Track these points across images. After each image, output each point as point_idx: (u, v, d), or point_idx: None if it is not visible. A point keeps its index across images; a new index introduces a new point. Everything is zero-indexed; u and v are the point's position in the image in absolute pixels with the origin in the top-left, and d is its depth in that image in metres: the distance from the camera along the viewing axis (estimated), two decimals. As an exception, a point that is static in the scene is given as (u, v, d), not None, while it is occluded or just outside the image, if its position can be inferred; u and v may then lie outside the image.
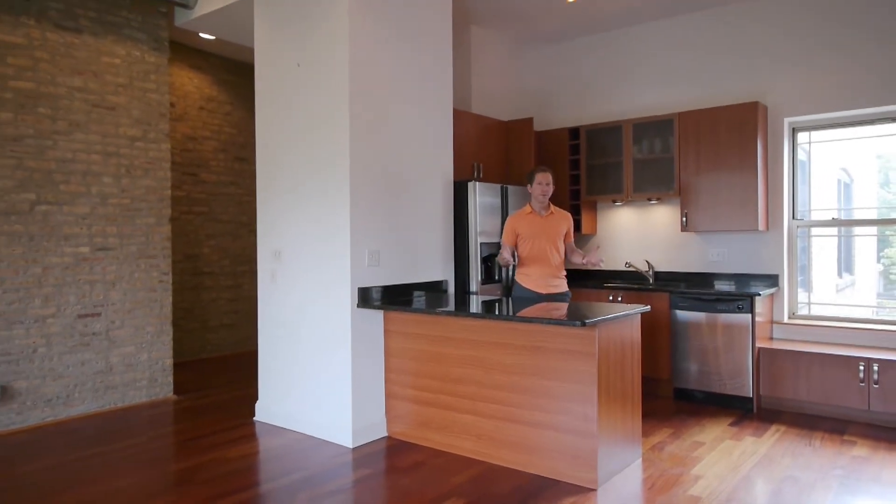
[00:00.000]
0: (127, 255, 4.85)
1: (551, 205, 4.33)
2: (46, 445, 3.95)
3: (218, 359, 6.72)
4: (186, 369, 6.08)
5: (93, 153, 4.66)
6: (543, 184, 4.14)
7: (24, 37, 4.31)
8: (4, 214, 4.21)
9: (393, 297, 4.13)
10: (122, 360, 4.81)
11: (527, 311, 3.66)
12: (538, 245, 4.18)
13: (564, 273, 4.35)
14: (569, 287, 5.61)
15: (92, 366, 4.63)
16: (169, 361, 5.11)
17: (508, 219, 4.32)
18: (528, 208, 4.28)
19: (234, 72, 6.98)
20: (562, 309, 3.69)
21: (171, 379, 5.12)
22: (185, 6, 4.89)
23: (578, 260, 4.37)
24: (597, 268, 4.27)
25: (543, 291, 4.21)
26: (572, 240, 4.40)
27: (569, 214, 4.44)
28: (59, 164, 4.48)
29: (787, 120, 5.13)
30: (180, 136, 6.50)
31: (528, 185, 4.25)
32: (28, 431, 4.22)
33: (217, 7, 4.74)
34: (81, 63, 4.61)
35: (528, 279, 4.25)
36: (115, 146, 4.79)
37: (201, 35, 5.66)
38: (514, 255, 4.24)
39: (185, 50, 6.49)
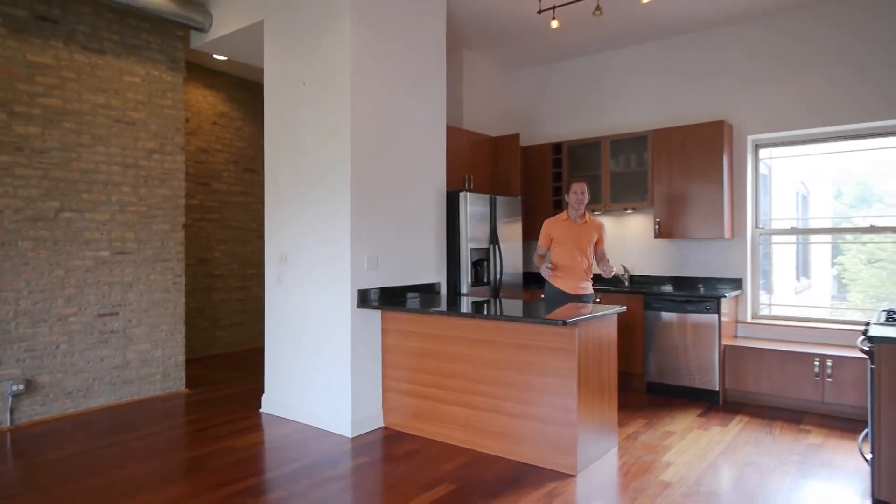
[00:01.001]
0: (144, 258, 4.85)
1: (587, 214, 4.37)
2: (67, 435, 3.94)
3: (227, 355, 6.70)
4: (198, 365, 6.08)
5: (113, 164, 4.66)
6: (578, 193, 4.19)
7: (52, 58, 4.32)
8: (31, 221, 4.21)
9: (390, 298, 4.14)
10: (138, 356, 4.80)
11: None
12: (568, 250, 4.24)
13: (591, 277, 4.36)
14: (546, 292, 5.67)
15: (110, 361, 4.62)
16: (181, 357, 5.10)
17: (545, 223, 4.40)
18: (564, 215, 4.36)
19: (244, 90, 6.99)
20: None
21: (183, 374, 5.11)
22: (201, 30, 4.91)
23: (600, 270, 4.33)
24: (609, 276, 4.22)
25: (572, 292, 4.27)
26: (603, 248, 4.40)
27: (601, 224, 4.43)
28: (83, 174, 4.48)
29: (750, 137, 5.18)
30: (194, 149, 6.50)
31: (566, 195, 4.35)
32: (50, 422, 4.20)
33: (230, 31, 4.76)
34: (105, 81, 4.62)
35: (559, 280, 4.30)
36: (133, 158, 4.79)
37: (215, 56, 5.68)
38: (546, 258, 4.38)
39: (200, 69, 6.50)
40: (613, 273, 4.26)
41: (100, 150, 4.59)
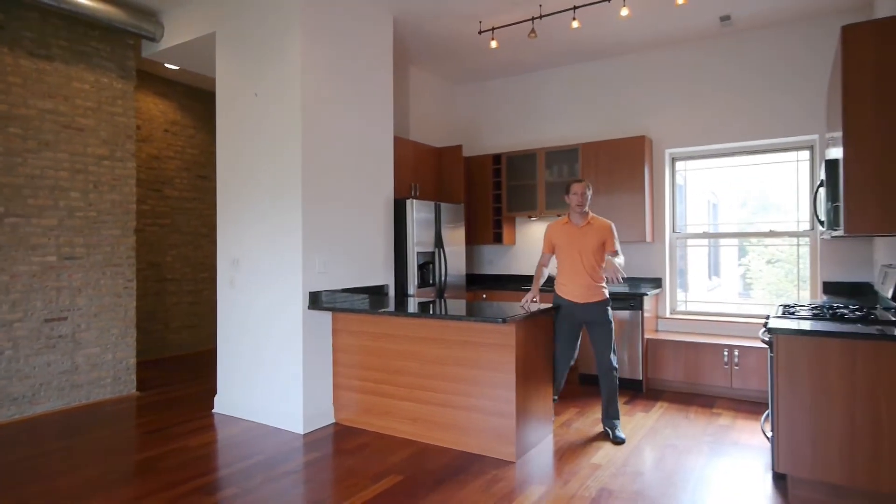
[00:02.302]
0: (93, 263, 4.60)
1: (590, 214, 3.78)
2: (12, 441, 3.69)
3: (179, 357, 6.45)
4: (150, 368, 5.84)
5: (61, 170, 4.41)
6: (578, 193, 3.68)
7: (-6, 62, 4.05)
8: (-27, 226, 3.92)
9: (340, 300, 4.10)
10: (87, 360, 4.55)
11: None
12: (570, 255, 3.73)
13: (602, 282, 3.71)
14: (488, 293, 5.71)
15: (58, 366, 4.36)
16: (132, 361, 4.87)
17: (548, 227, 3.92)
18: (564, 218, 3.84)
19: (196, 98, 6.76)
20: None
21: (134, 377, 4.88)
22: (152, 39, 4.71)
23: (605, 274, 3.65)
24: (615, 283, 3.55)
25: (578, 301, 3.72)
26: (614, 248, 3.70)
27: (609, 224, 3.75)
28: (28, 179, 4.22)
29: (667, 151, 5.40)
30: (146, 156, 6.24)
31: (566, 196, 3.80)
32: (-5, 428, 3.93)
33: (181, 41, 4.60)
34: (53, 87, 4.37)
35: (562, 288, 3.81)
36: (83, 164, 4.54)
37: (167, 65, 5.46)
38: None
39: (151, 78, 6.24)
40: (621, 276, 3.46)
41: (47, 155, 4.33)
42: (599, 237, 3.68)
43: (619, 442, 3.58)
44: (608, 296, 3.76)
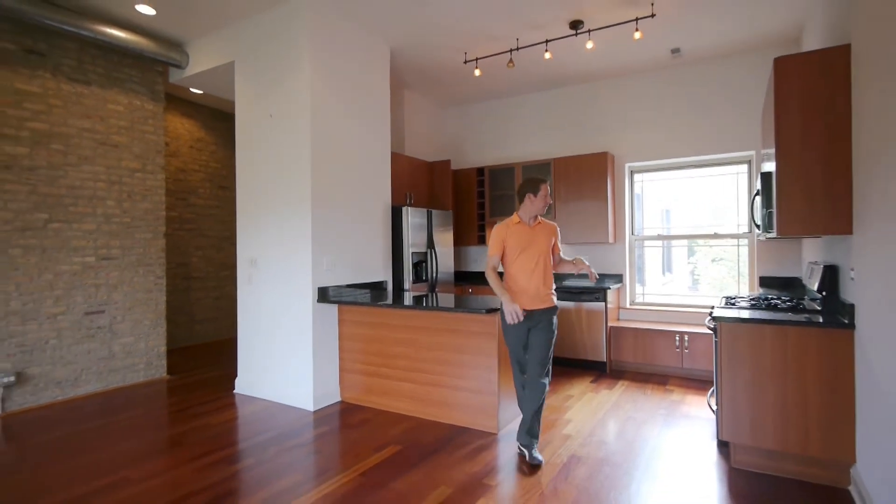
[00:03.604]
0: (128, 263, 4.55)
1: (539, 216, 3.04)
2: (57, 420, 3.64)
3: (204, 345, 6.39)
4: (178, 354, 5.78)
5: (99, 181, 4.35)
6: (547, 196, 2.93)
7: (39, 86, 3.99)
8: (20, 231, 3.87)
9: (345, 294, 4.08)
10: (123, 348, 4.50)
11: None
12: (529, 256, 2.91)
13: (553, 287, 3.01)
14: (473, 288, 5.72)
15: (97, 353, 4.31)
16: (163, 348, 4.81)
17: (496, 228, 2.99)
18: (515, 218, 2.98)
19: (217, 118, 6.70)
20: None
21: (164, 362, 4.83)
22: (179, 67, 4.66)
23: (571, 268, 3.06)
24: (593, 281, 3.03)
25: (532, 307, 2.89)
26: (560, 251, 3.10)
27: (555, 225, 3.08)
28: (69, 190, 4.16)
29: (627, 165, 5.44)
30: (174, 169, 6.17)
31: (531, 195, 2.92)
32: (40, 409, 3.87)
33: (205, 69, 4.56)
34: (90, 109, 4.31)
35: (514, 295, 2.90)
36: (117, 176, 4.49)
37: (192, 89, 5.41)
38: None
39: (178, 100, 6.18)
40: (595, 274, 3.03)
41: (86, 168, 4.27)
42: (550, 238, 3.00)
43: (536, 464, 2.81)
44: (556, 303, 3.03)
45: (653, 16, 3.95)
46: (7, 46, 3.83)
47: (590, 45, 4.26)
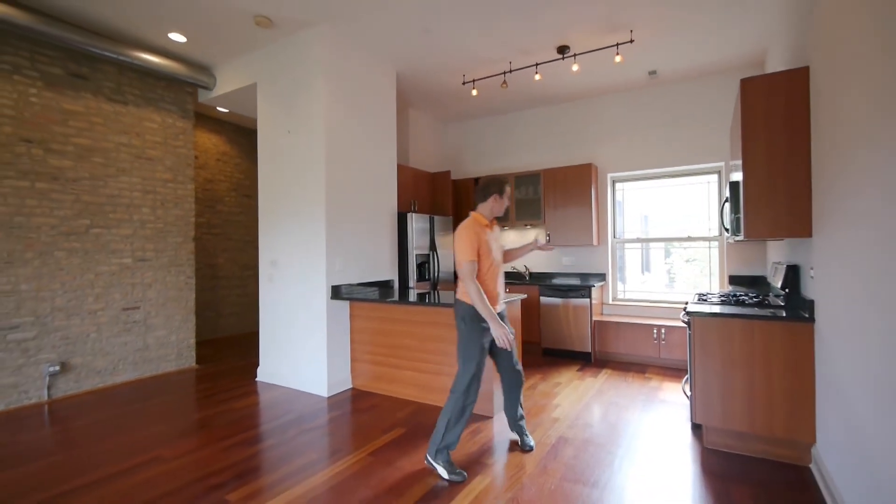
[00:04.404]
0: (161, 264, 4.56)
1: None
2: (97, 405, 3.65)
3: (229, 338, 6.39)
4: (205, 346, 5.78)
5: (135, 191, 4.37)
6: (508, 194, 2.63)
7: (83, 106, 4.01)
8: (65, 235, 3.88)
9: (355, 292, 4.09)
10: (156, 340, 4.50)
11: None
12: (496, 258, 2.59)
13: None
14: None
15: (133, 345, 4.31)
16: (192, 340, 4.81)
17: (469, 230, 2.49)
18: (482, 219, 2.58)
19: (241, 134, 6.71)
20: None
21: (193, 353, 4.83)
22: (206, 88, 4.68)
23: (525, 251, 2.83)
24: (546, 251, 2.66)
25: (499, 311, 2.60)
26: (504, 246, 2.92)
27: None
28: (109, 198, 4.17)
29: (609, 175, 5.44)
30: (202, 180, 6.18)
31: (497, 195, 2.58)
32: (82, 395, 3.88)
33: (230, 90, 4.57)
34: (128, 126, 4.32)
35: (493, 300, 2.56)
36: (152, 186, 4.50)
37: (218, 108, 5.43)
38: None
39: (206, 118, 6.19)
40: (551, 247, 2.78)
41: (124, 179, 4.28)
42: (500, 238, 2.71)
43: (528, 450, 2.69)
44: None
45: (632, 41, 3.96)
46: (55, 71, 3.85)
47: (575, 67, 4.27)
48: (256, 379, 4.34)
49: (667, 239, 5.27)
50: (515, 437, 2.91)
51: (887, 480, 1.60)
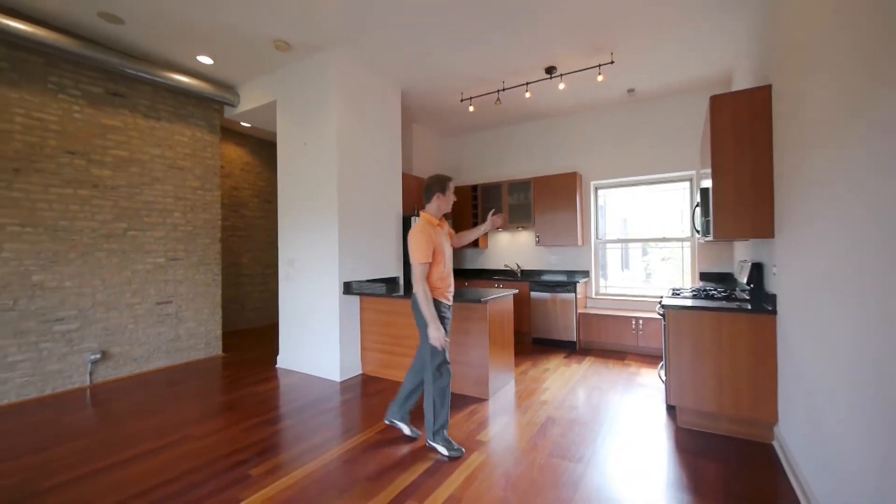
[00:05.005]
0: (191, 263, 4.56)
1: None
2: (134, 389, 3.65)
3: (252, 329, 6.39)
4: (230, 336, 5.77)
5: (167, 198, 4.37)
6: (452, 194, 2.51)
7: (121, 122, 4.01)
8: (105, 237, 3.88)
9: (365, 288, 4.09)
10: (187, 331, 4.50)
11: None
12: (446, 255, 2.47)
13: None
14: (469, 282, 5.72)
15: (166, 335, 4.31)
16: (219, 331, 4.82)
17: (422, 231, 2.36)
18: (433, 220, 2.46)
19: (263, 146, 6.71)
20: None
21: (220, 343, 4.82)
22: (231, 105, 4.68)
23: (477, 233, 2.67)
24: (497, 225, 2.55)
25: (449, 302, 2.52)
26: (453, 236, 2.67)
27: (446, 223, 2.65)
28: (144, 204, 4.17)
29: (592, 182, 5.43)
30: (228, 187, 6.18)
31: (439, 194, 2.44)
32: (121, 380, 3.87)
33: (252, 107, 4.57)
34: (161, 139, 4.32)
35: (443, 293, 2.47)
36: (182, 193, 4.50)
37: (242, 123, 5.42)
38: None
39: (231, 132, 6.19)
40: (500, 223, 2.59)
41: (157, 187, 4.28)
42: (448, 234, 2.59)
43: (416, 436, 2.55)
44: None
45: (612, 63, 3.96)
46: (95, 90, 3.85)
47: (562, 86, 4.27)
48: (276, 366, 4.34)
49: (644, 240, 5.26)
50: (508, 416, 2.90)
51: (840, 454, 1.60)
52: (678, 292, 3.45)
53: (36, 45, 3.31)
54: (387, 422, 2.72)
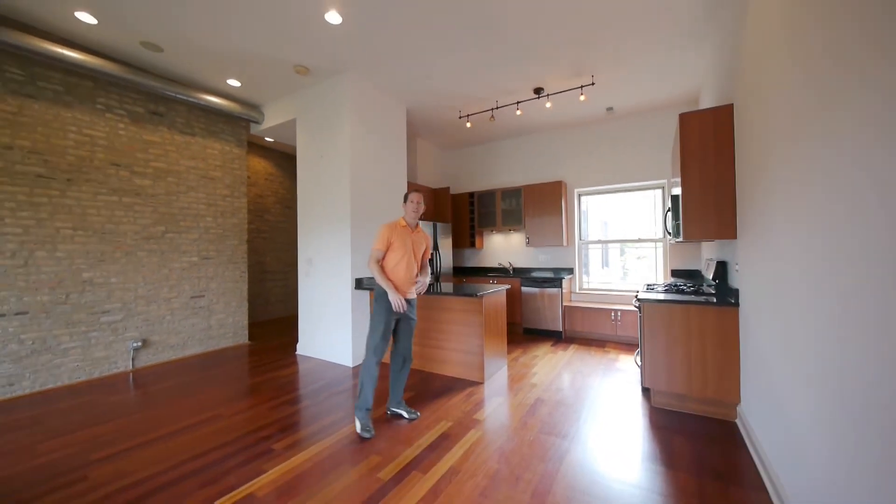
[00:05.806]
0: (221, 261, 4.57)
1: (419, 224, 2.93)
2: (171, 373, 3.66)
3: (274, 320, 6.39)
4: (256, 327, 5.77)
5: (200, 204, 4.37)
6: (415, 202, 2.59)
7: (160, 137, 4.02)
8: (145, 239, 3.89)
9: (374, 283, 4.08)
10: (217, 322, 4.51)
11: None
12: (406, 253, 2.57)
13: (417, 283, 2.65)
14: (467, 278, 5.71)
15: (199, 326, 4.32)
16: (245, 322, 4.82)
17: (385, 227, 2.56)
18: (402, 221, 2.63)
19: (285, 159, 6.72)
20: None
21: (246, 332, 4.83)
22: (257, 122, 4.69)
23: (421, 278, 2.67)
24: (419, 291, 2.67)
25: (406, 297, 2.60)
26: (429, 255, 2.77)
27: (429, 237, 2.76)
28: (180, 210, 4.18)
29: (576, 189, 5.42)
30: (253, 195, 6.19)
31: (404, 203, 2.65)
32: (159, 365, 3.89)
33: (275, 124, 4.58)
34: (195, 153, 4.34)
35: (394, 285, 2.57)
36: (213, 200, 4.51)
37: (266, 138, 5.43)
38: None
39: (257, 146, 6.20)
40: (419, 290, 2.64)
41: (192, 195, 4.29)
42: (423, 244, 2.68)
43: (415, 417, 2.60)
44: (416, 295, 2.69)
45: (593, 84, 3.96)
46: (138, 110, 3.86)
47: (548, 105, 4.27)
48: (296, 353, 4.34)
49: (622, 241, 5.25)
50: (501, 397, 2.90)
51: (796, 429, 1.60)
52: (652, 287, 3.45)
53: (87, 71, 3.33)
54: (388, 413, 2.70)
